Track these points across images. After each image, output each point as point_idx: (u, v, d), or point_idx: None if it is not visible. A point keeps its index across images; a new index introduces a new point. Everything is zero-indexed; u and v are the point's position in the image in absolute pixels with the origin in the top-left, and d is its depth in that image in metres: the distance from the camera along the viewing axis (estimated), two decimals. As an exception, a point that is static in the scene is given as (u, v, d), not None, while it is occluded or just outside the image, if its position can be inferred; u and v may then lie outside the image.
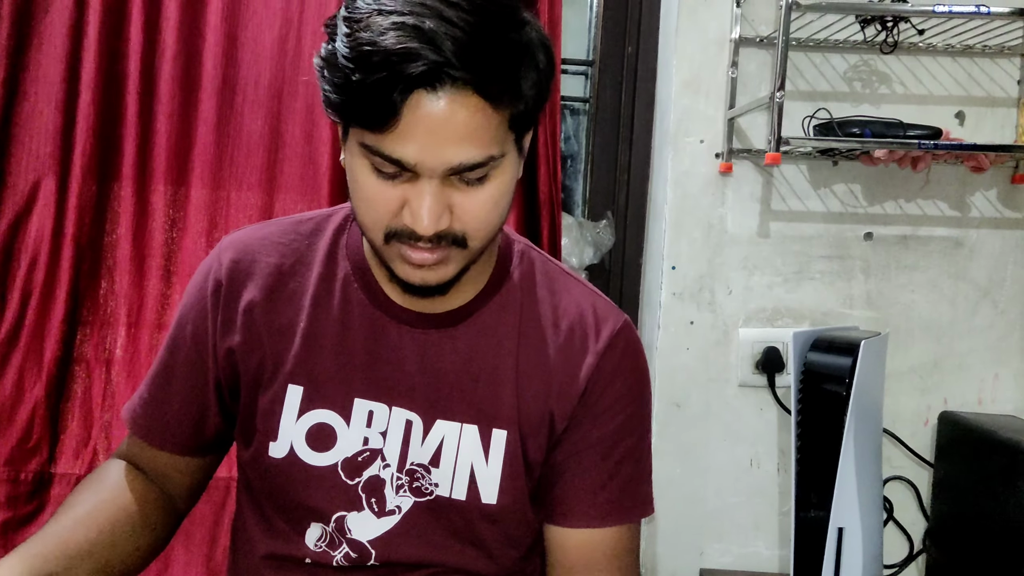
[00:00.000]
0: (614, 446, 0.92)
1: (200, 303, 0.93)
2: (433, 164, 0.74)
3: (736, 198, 1.48)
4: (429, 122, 0.72)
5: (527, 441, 0.91)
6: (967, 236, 1.49)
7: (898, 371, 1.48)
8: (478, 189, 0.77)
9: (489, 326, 0.91)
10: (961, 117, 1.48)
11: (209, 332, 0.92)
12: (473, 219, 0.78)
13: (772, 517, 1.50)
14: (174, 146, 1.43)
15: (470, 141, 0.73)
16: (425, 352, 0.90)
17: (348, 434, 0.89)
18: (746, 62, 1.45)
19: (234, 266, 0.92)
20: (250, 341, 0.91)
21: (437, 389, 0.90)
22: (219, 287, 0.92)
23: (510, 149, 0.79)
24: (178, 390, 0.94)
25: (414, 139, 0.72)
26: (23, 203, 1.39)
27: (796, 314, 1.49)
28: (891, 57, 1.46)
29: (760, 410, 1.49)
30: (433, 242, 0.77)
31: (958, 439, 1.39)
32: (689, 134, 1.47)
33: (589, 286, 0.98)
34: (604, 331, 0.93)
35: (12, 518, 1.37)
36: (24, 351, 1.38)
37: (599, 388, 0.92)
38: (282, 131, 1.47)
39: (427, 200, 0.75)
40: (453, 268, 0.81)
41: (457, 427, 0.90)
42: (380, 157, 0.74)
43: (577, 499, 0.91)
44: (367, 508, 0.89)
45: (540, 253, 0.98)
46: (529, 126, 0.81)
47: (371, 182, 0.77)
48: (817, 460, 1.26)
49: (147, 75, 1.42)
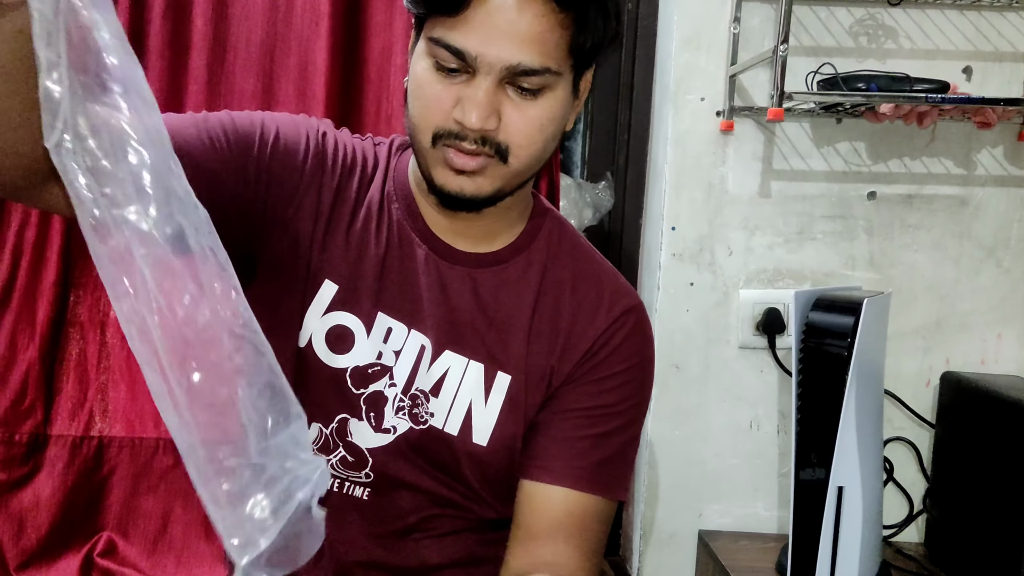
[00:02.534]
0: (602, 419, 0.93)
1: (296, 133, 0.89)
2: (492, 59, 0.77)
3: (737, 157, 1.45)
4: (496, 17, 0.76)
5: (528, 393, 0.92)
6: (972, 195, 1.47)
7: (900, 332, 1.47)
8: (529, 104, 0.80)
9: (511, 278, 0.93)
10: (968, 72, 1.45)
11: (290, 160, 0.87)
12: (517, 132, 0.80)
13: (771, 478, 1.50)
14: (164, 105, 1.41)
15: (531, 45, 0.76)
16: (447, 284, 0.91)
17: (365, 343, 0.90)
18: (749, 17, 1.42)
19: (335, 136, 0.92)
20: (317, 199, 0.89)
21: (453, 323, 0.91)
22: (325, 137, 0.91)
23: (566, 74, 0.81)
24: (213, 163, 0.82)
25: (479, 31, 0.76)
26: (12, 162, 1.37)
27: (797, 275, 1.47)
28: (898, 10, 1.43)
29: (760, 372, 1.48)
30: (477, 144, 0.80)
31: (960, 399, 1.38)
32: (690, 92, 1.45)
33: (612, 267, 1.00)
34: (617, 305, 0.95)
35: (7, 480, 1.36)
36: (16, 312, 1.37)
37: (602, 356, 0.93)
38: (275, 90, 1.44)
39: (480, 95, 0.77)
40: (490, 184, 0.83)
41: (464, 361, 0.91)
42: (444, 48, 0.77)
43: (557, 456, 0.91)
44: (365, 420, 0.90)
45: (573, 228, 1.01)
46: (587, 64, 0.84)
47: (432, 79, 0.80)
48: (818, 421, 1.25)
49: (136, 32, 1.39)
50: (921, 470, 1.48)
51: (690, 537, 1.50)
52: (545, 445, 0.92)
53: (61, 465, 1.38)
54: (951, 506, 1.39)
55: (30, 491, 1.37)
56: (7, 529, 1.36)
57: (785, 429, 1.48)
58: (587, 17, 0.78)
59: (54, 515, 1.37)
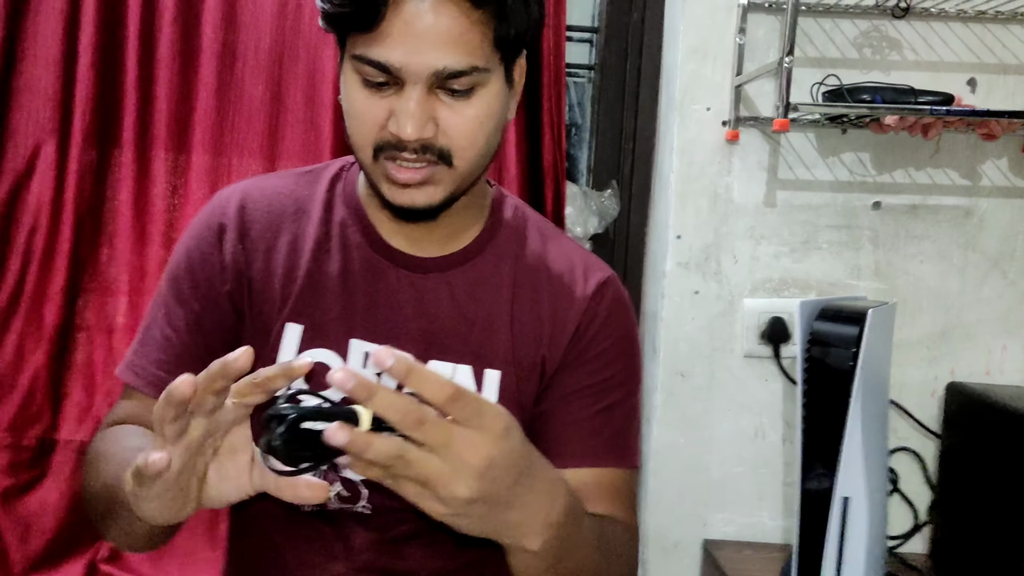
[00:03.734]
0: (604, 394, 0.93)
1: (207, 250, 0.92)
2: (417, 68, 0.76)
3: (743, 167, 1.46)
4: (413, 25, 0.75)
5: (521, 384, 0.92)
6: (977, 205, 1.47)
7: (906, 342, 1.47)
8: (463, 104, 0.79)
9: (484, 273, 0.93)
10: (973, 84, 1.45)
11: (218, 278, 0.92)
12: (458, 134, 0.80)
13: (776, 488, 1.50)
14: (174, 112, 1.42)
15: (454, 46, 0.76)
16: (422, 296, 0.91)
17: None
18: (754, 28, 1.43)
19: (238, 212, 0.93)
20: (252, 285, 0.92)
21: (433, 332, 0.91)
22: (224, 231, 0.92)
23: (496, 68, 0.81)
24: (197, 345, 0.92)
25: (399, 42, 0.75)
26: (23, 168, 1.38)
27: (803, 284, 1.47)
28: (903, 22, 1.44)
29: (765, 380, 1.48)
30: (418, 153, 0.79)
31: (965, 410, 1.38)
32: (695, 101, 1.45)
33: (579, 244, 1.00)
34: (591, 280, 0.95)
35: (14, 485, 1.37)
36: (24, 317, 1.37)
37: (590, 335, 0.93)
38: (283, 96, 1.45)
39: (411, 105, 0.77)
40: (441, 191, 0.83)
41: (451, 367, 0.91)
42: (368, 64, 0.77)
43: (568, 440, 0.91)
44: None
45: (532, 210, 1.01)
46: (516, 52, 0.83)
47: (361, 96, 0.80)
48: (823, 430, 1.25)
49: (146, 40, 1.40)
50: (926, 480, 1.48)
51: (695, 546, 1.50)
52: (557, 433, 0.92)
53: (67, 470, 1.38)
54: (956, 517, 1.38)
55: (36, 496, 1.37)
56: (13, 533, 1.36)
57: (790, 438, 1.48)
58: (505, 7, 0.78)
59: (60, 520, 1.38)
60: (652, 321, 1.53)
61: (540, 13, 0.83)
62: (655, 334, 1.50)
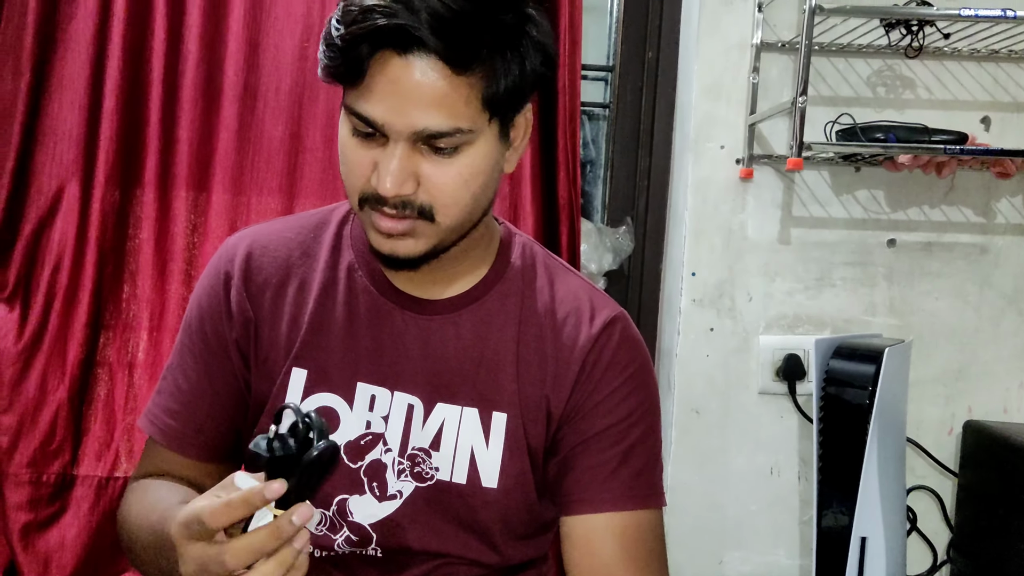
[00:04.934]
0: (622, 435, 0.92)
1: (214, 300, 0.94)
2: (399, 126, 0.77)
3: (757, 204, 1.47)
4: (397, 84, 0.76)
5: (527, 426, 0.91)
6: (992, 243, 1.47)
7: (922, 379, 1.47)
8: (447, 162, 0.79)
9: (491, 313, 0.93)
10: (987, 122, 1.46)
11: (225, 327, 0.93)
12: (440, 192, 0.80)
13: (793, 526, 1.49)
14: (196, 152, 1.44)
15: (436, 108, 0.76)
16: (428, 338, 0.91)
17: (351, 418, 0.90)
18: (768, 67, 1.45)
19: (244, 260, 0.94)
20: (259, 331, 0.93)
21: (439, 374, 0.91)
22: (229, 280, 0.94)
23: (484, 128, 0.80)
24: (206, 394, 0.94)
25: (383, 99, 0.77)
26: (47, 208, 1.40)
27: (817, 321, 1.48)
28: (916, 62, 1.45)
29: (780, 417, 1.48)
30: (398, 208, 0.80)
31: (983, 448, 1.37)
32: (710, 139, 1.47)
33: (588, 281, 1.00)
34: (598, 319, 0.94)
35: (33, 520, 1.37)
36: (48, 354, 1.39)
37: (596, 375, 0.92)
38: (302, 136, 1.47)
39: (390, 162, 0.78)
40: (423, 243, 0.83)
41: (457, 410, 0.91)
42: (356, 116, 0.79)
43: (590, 485, 0.90)
44: (368, 492, 0.90)
45: (541, 248, 1.01)
46: (510, 111, 0.83)
47: (351, 144, 0.81)
48: (839, 468, 1.24)
49: (170, 82, 1.43)
50: (945, 519, 1.47)
51: (711, 584, 1.49)
52: (576, 479, 0.91)
53: (87, 506, 1.39)
54: (976, 557, 1.37)
55: (56, 531, 1.38)
56: (32, 569, 1.36)
57: (806, 476, 1.48)
58: (495, 68, 0.78)
59: (79, 556, 1.38)
60: (667, 358, 1.53)
61: (541, 66, 0.82)
62: (670, 371, 1.50)
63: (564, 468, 0.92)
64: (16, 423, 1.38)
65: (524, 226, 1.49)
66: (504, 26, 0.78)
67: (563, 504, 0.92)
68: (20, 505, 1.37)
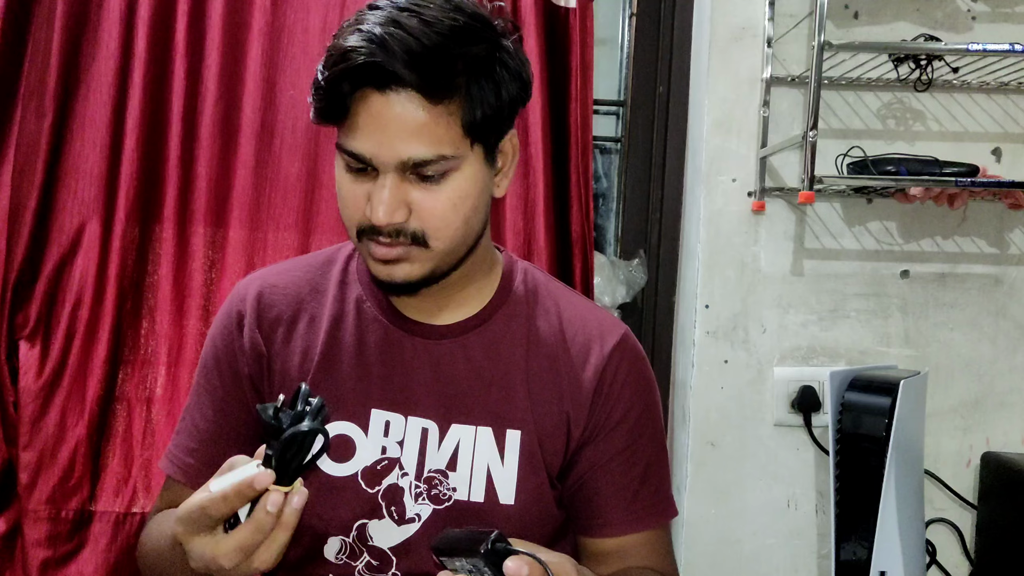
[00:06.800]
0: (638, 454, 0.96)
1: (228, 339, 0.97)
2: (385, 158, 0.81)
3: (769, 236, 1.47)
4: (379, 118, 0.80)
5: (544, 443, 0.94)
6: (1006, 273, 1.47)
7: (938, 410, 1.46)
8: (435, 188, 0.84)
9: (498, 335, 0.96)
10: (998, 154, 1.47)
11: (240, 364, 0.96)
12: (431, 218, 0.84)
13: (811, 559, 1.48)
14: (214, 189, 1.46)
15: (418, 138, 0.81)
16: (438, 362, 0.94)
17: (366, 443, 0.93)
18: (778, 101, 1.46)
19: (256, 299, 0.98)
20: (272, 366, 0.96)
21: (451, 396, 0.94)
22: (242, 318, 0.97)
23: (467, 154, 0.85)
24: (223, 431, 0.96)
25: (368, 134, 0.81)
26: (68, 245, 1.42)
27: (832, 352, 1.48)
28: (925, 95, 1.46)
29: (796, 450, 1.47)
30: (392, 236, 0.84)
31: (1002, 480, 1.36)
32: (721, 173, 1.48)
33: (590, 301, 1.04)
34: (609, 338, 0.98)
35: (51, 557, 1.38)
36: (67, 390, 1.40)
37: (614, 393, 0.96)
38: (319, 173, 1.49)
39: (381, 192, 0.82)
40: (419, 268, 0.87)
41: (472, 430, 0.93)
42: (346, 153, 0.83)
43: (614, 509, 0.95)
44: (387, 516, 0.92)
45: (543, 272, 1.05)
46: (491, 136, 0.87)
47: (346, 180, 0.86)
48: (857, 501, 1.24)
49: (189, 120, 1.45)
50: (964, 552, 1.46)
51: (729, 619, 1.48)
52: (597, 503, 0.95)
53: (104, 542, 1.39)
54: (997, 590, 1.36)
55: (74, 568, 1.38)
56: (50, 605, 1.37)
57: (823, 509, 1.47)
58: (471, 96, 0.82)
59: (96, 592, 1.39)
60: (682, 390, 1.53)
61: (518, 92, 0.87)
62: (685, 403, 1.50)
63: (585, 490, 0.95)
64: (36, 459, 1.39)
65: (538, 260, 1.50)
66: (476, 57, 0.82)
67: (584, 525, 0.96)
68: (39, 542, 1.38)
